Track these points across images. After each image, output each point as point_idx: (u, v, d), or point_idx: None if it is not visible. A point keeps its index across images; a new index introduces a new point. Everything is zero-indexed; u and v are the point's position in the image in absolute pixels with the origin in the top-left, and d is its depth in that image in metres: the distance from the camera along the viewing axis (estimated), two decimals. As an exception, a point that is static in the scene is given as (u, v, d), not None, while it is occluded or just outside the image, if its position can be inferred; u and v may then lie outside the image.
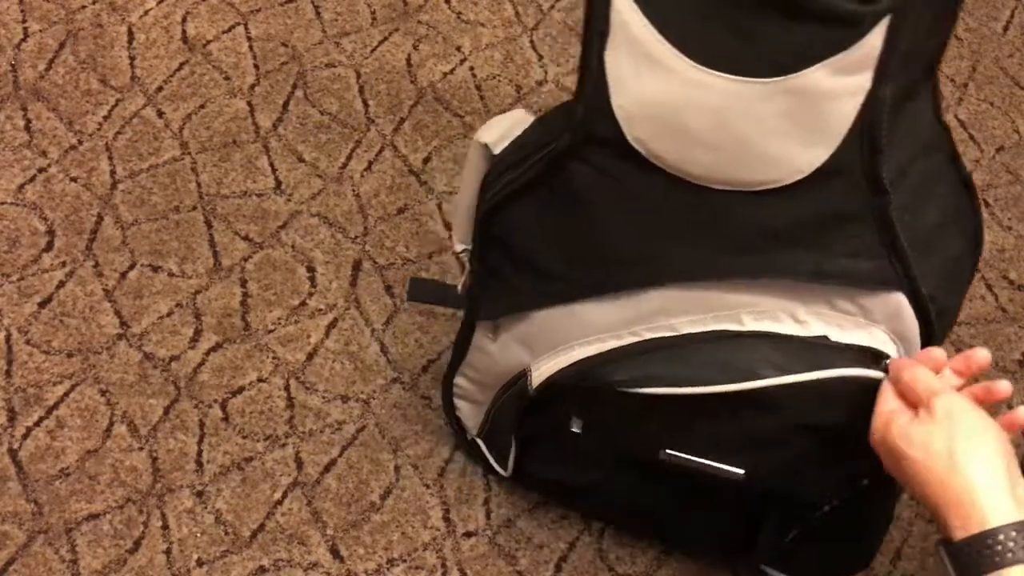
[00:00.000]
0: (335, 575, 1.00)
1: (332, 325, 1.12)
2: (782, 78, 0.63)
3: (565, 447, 0.89)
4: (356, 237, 1.17)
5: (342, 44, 1.30)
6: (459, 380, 0.98)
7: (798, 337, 0.74)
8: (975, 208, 0.79)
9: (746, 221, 0.70)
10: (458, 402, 1.00)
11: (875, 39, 0.62)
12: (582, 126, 0.69)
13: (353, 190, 1.20)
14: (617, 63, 0.66)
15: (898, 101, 0.66)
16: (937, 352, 0.70)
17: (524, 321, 0.83)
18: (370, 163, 1.22)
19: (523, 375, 0.86)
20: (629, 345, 0.77)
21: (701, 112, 0.65)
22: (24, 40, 1.27)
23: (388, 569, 1.01)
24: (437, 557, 1.02)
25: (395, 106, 1.27)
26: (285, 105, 1.25)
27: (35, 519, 1.00)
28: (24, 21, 1.28)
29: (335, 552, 1.01)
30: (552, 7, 1.36)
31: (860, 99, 0.64)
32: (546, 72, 1.31)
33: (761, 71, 0.63)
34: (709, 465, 0.79)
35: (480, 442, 1.01)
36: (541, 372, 0.83)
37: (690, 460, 0.79)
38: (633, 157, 0.69)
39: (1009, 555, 0.55)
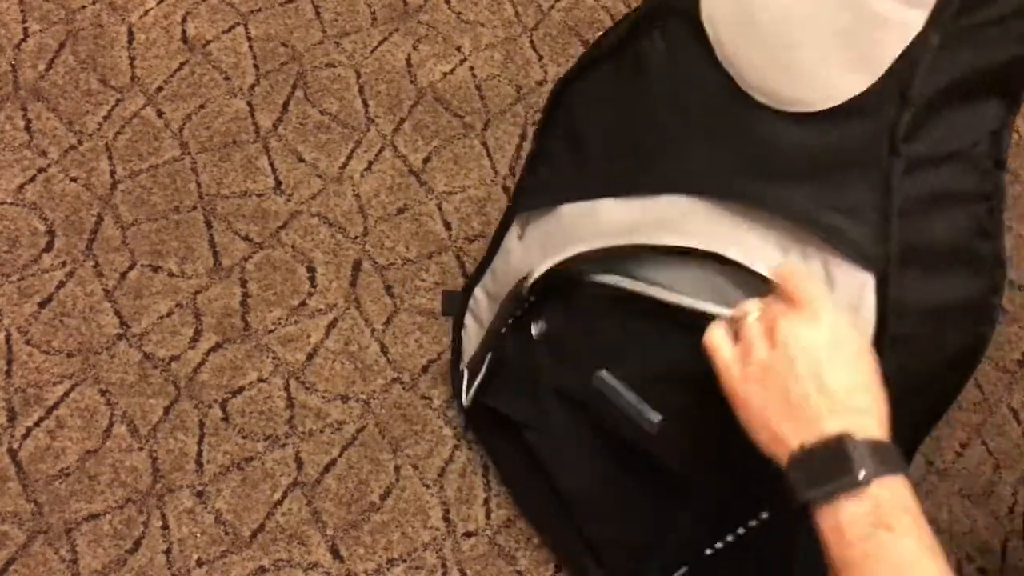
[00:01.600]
0: (335, 575, 1.00)
1: (332, 325, 1.12)
2: None
3: (521, 372, 0.87)
4: (356, 237, 1.17)
5: (342, 44, 1.30)
6: (478, 292, 0.95)
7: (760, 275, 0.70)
8: (994, 286, 0.73)
9: (768, 142, 0.69)
10: (468, 321, 0.98)
11: None
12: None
13: (353, 190, 1.20)
14: None
15: (951, 87, 0.65)
16: None
17: (552, 217, 0.81)
18: (370, 163, 1.22)
19: (526, 277, 0.82)
20: (617, 247, 0.74)
21: (772, 4, 0.66)
22: (24, 40, 1.27)
23: (388, 569, 1.01)
24: (437, 557, 1.02)
25: (395, 106, 1.27)
26: (285, 105, 1.25)
27: (35, 519, 1.00)
28: (24, 21, 1.28)
29: (335, 552, 1.01)
30: (552, 7, 1.36)
31: (909, 35, 0.63)
32: (546, 72, 1.31)
33: None
34: (630, 404, 0.75)
35: (466, 372, 0.99)
36: (539, 271, 0.80)
37: (616, 392, 0.76)
38: (702, 40, 0.69)
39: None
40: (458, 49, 1.32)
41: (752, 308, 0.62)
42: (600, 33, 1.34)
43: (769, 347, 0.59)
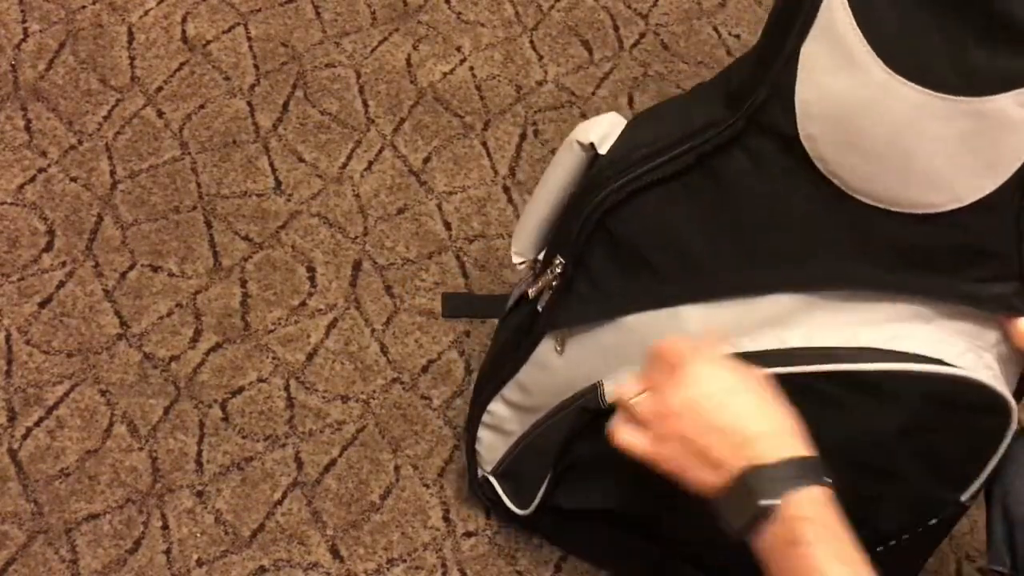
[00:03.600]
0: (335, 575, 1.00)
1: (332, 325, 1.12)
2: (971, 99, 0.61)
3: (599, 465, 0.83)
4: (356, 237, 1.17)
5: (342, 44, 1.31)
6: (495, 406, 0.91)
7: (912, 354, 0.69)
8: None
9: (884, 236, 0.68)
10: (483, 432, 0.94)
11: None
12: (756, 113, 0.67)
13: (353, 190, 1.20)
14: (813, 55, 0.64)
15: None
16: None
17: (611, 328, 0.79)
18: (370, 163, 1.22)
19: (592, 389, 0.79)
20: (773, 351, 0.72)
21: (882, 120, 0.63)
22: (24, 40, 1.27)
23: (388, 569, 1.01)
24: (437, 557, 1.02)
25: (395, 106, 1.27)
26: (285, 105, 1.25)
27: (35, 519, 1.00)
28: (24, 21, 1.28)
29: (335, 552, 1.01)
30: (552, 7, 1.37)
31: None
32: (546, 72, 1.31)
33: (952, 88, 0.61)
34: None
35: (493, 480, 0.96)
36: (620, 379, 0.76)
37: None
38: (796, 154, 0.67)
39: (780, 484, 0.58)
40: (458, 49, 1.32)
41: (630, 391, 0.66)
42: (599, 34, 1.34)
43: (663, 418, 0.63)
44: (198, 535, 1.01)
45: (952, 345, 0.70)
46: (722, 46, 1.36)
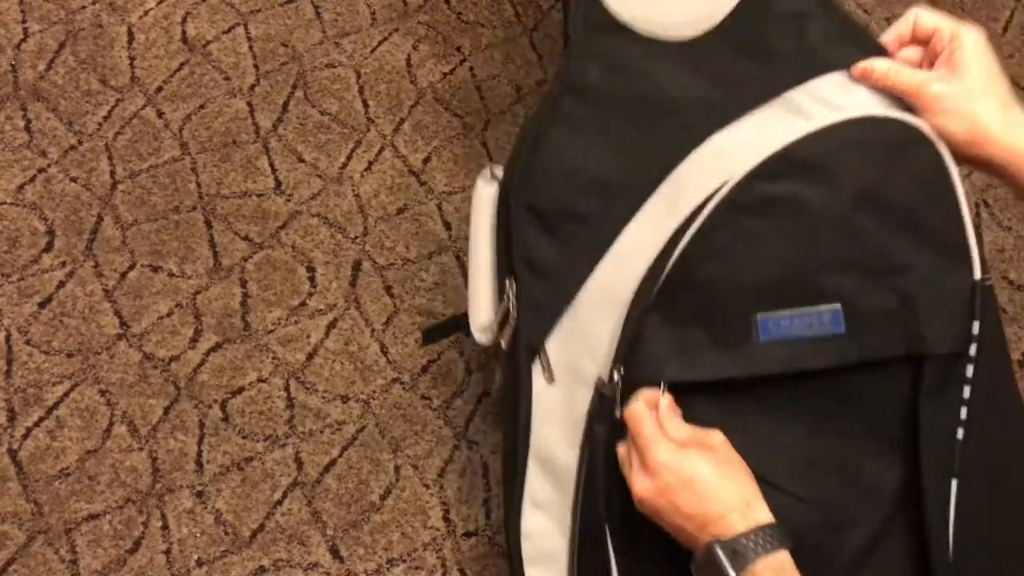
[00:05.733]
0: (335, 575, 1.00)
1: (332, 325, 1.12)
2: None
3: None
4: (356, 237, 1.17)
5: (342, 44, 1.31)
6: (529, 522, 0.80)
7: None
8: None
9: (716, 64, 0.74)
10: (530, 546, 0.81)
11: None
12: (579, 21, 0.75)
13: (353, 190, 1.20)
14: None
15: None
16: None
17: (573, 321, 0.77)
18: (370, 163, 1.22)
19: (598, 393, 0.74)
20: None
21: None
22: (24, 40, 1.27)
23: (388, 569, 1.01)
24: (437, 557, 1.02)
25: (395, 106, 1.27)
26: (285, 105, 1.25)
27: (35, 519, 1.00)
28: (24, 21, 1.28)
29: (335, 552, 1.01)
30: (552, 7, 1.36)
31: None
32: (546, 72, 1.31)
33: None
34: (806, 313, 0.69)
35: None
36: (612, 351, 0.73)
37: (791, 320, 0.70)
38: (626, 36, 0.74)
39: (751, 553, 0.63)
40: (458, 49, 1.32)
41: (623, 455, 0.70)
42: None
43: (641, 493, 0.67)
44: (198, 535, 1.01)
45: (850, 99, 0.72)
46: (722, 46, 1.36)
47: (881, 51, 0.72)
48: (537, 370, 0.80)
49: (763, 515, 0.64)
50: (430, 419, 1.08)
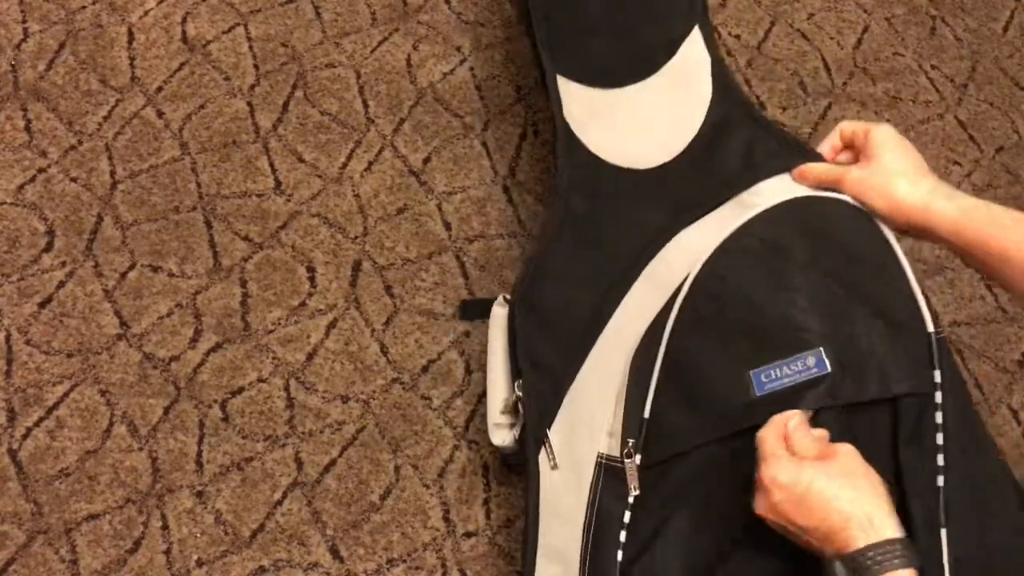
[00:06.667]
0: (335, 575, 1.00)
1: (332, 325, 1.12)
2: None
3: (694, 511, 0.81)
4: (356, 237, 1.17)
5: (342, 44, 1.31)
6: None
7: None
8: None
9: (673, 188, 0.89)
10: None
11: None
12: (566, 159, 0.92)
13: (353, 190, 1.20)
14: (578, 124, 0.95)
15: None
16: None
17: (573, 406, 0.86)
18: (370, 163, 1.22)
19: (598, 464, 0.82)
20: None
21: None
22: (24, 40, 1.27)
23: (388, 569, 1.01)
24: (437, 557, 1.02)
25: (395, 106, 1.27)
26: (285, 105, 1.25)
27: (35, 519, 1.00)
28: (24, 21, 1.28)
29: (335, 552, 1.01)
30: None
31: None
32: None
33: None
34: (795, 360, 0.76)
35: None
36: (614, 429, 0.82)
37: (780, 370, 0.76)
38: (603, 171, 0.89)
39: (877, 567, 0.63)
40: (458, 49, 1.32)
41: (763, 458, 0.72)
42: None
43: (767, 508, 0.69)
44: (198, 535, 1.01)
45: (790, 191, 0.85)
46: (722, 46, 1.36)
47: (817, 157, 0.86)
48: (543, 458, 0.88)
49: (889, 531, 0.64)
50: (430, 419, 1.08)
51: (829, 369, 0.74)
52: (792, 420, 0.71)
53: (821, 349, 0.75)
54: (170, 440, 1.05)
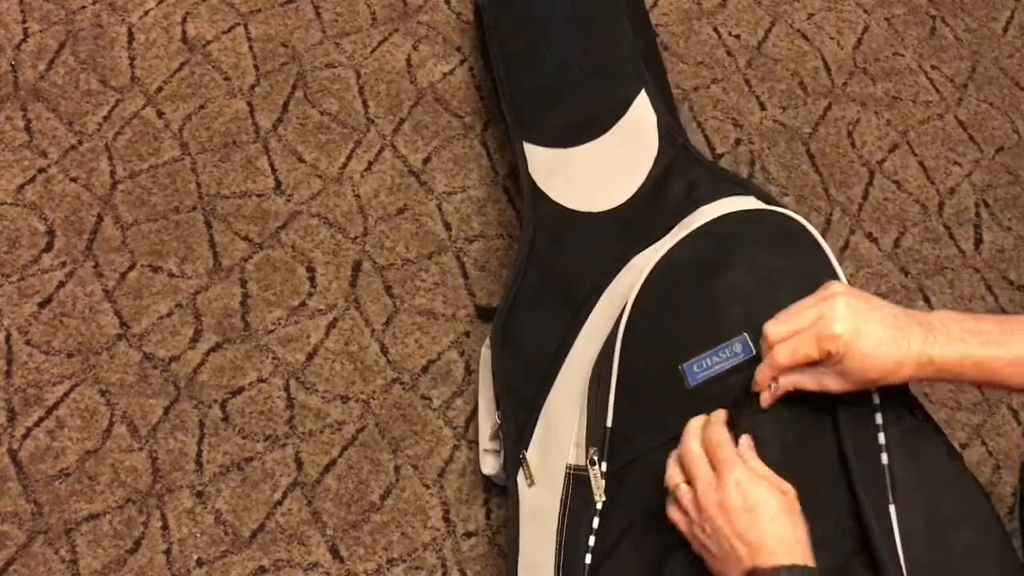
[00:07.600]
0: (335, 575, 1.00)
1: (332, 325, 1.12)
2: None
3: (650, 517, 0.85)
4: (356, 237, 1.17)
5: (342, 44, 1.31)
6: None
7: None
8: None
9: (640, 225, 0.99)
10: None
11: None
12: (531, 206, 1.05)
13: (353, 190, 1.20)
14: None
15: None
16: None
17: (546, 422, 0.93)
18: (370, 163, 1.22)
19: (567, 475, 0.88)
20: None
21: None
22: (24, 40, 1.27)
23: (388, 569, 1.01)
24: (437, 557, 1.02)
25: (395, 106, 1.27)
26: (285, 105, 1.25)
27: (35, 519, 1.00)
28: (24, 21, 1.28)
29: (335, 552, 1.01)
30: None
31: None
32: (546, 72, 1.31)
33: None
34: (722, 348, 0.82)
35: None
36: (579, 439, 0.88)
37: (710, 359, 0.82)
38: (567, 214, 1.03)
39: None
40: (458, 49, 1.32)
41: (675, 477, 0.76)
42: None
43: (700, 511, 0.73)
44: (198, 535, 1.01)
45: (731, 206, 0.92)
46: (722, 46, 1.36)
47: (756, 189, 0.96)
48: (521, 477, 0.94)
49: (806, 558, 0.69)
50: (430, 419, 1.08)
51: (754, 352, 0.80)
52: (744, 440, 0.75)
53: (745, 334, 0.81)
54: (170, 440, 1.05)
